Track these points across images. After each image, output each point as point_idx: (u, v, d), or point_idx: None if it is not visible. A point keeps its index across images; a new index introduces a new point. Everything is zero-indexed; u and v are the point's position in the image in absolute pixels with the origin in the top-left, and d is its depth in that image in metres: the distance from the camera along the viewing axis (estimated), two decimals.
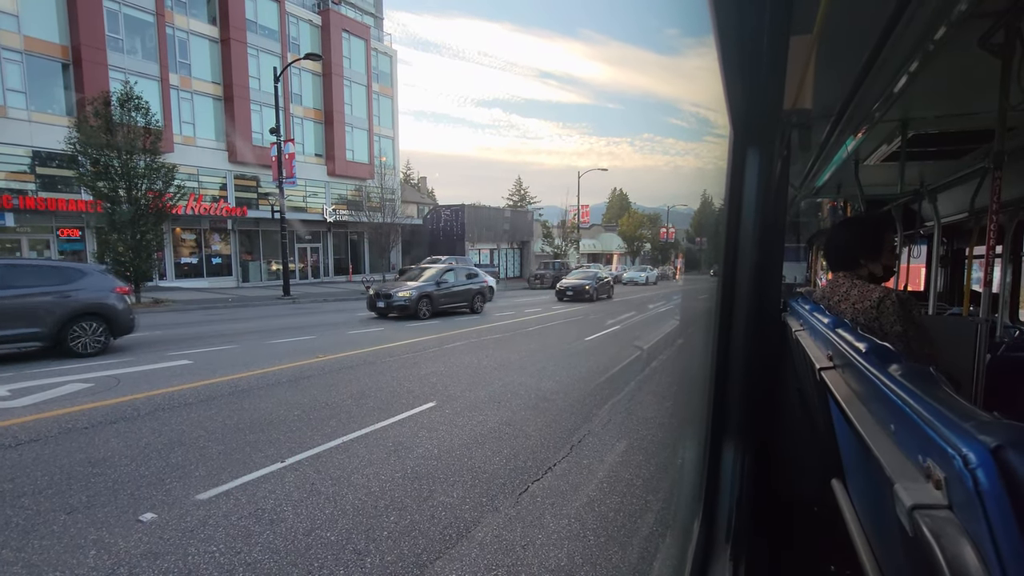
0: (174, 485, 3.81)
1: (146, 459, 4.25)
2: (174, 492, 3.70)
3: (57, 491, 3.66)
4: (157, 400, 5.93)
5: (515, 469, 4.25)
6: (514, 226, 39.11)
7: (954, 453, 0.60)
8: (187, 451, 4.44)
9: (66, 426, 5.00)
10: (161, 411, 5.53)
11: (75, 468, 4.05)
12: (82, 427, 4.98)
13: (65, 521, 3.27)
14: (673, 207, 61.99)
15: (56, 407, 5.59)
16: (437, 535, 3.22)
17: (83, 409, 5.54)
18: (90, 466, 4.09)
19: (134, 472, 4.00)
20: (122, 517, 3.33)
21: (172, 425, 5.09)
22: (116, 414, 5.40)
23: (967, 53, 1.76)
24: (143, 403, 5.81)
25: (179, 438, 4.74)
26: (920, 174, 4.03)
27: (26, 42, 19.87)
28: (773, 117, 1.47)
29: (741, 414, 1.57)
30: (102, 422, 5.14)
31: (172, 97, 24.05)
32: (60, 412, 5.42)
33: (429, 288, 14.62)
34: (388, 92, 34.73)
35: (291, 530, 3.23)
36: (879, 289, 1.83)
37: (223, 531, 3.20)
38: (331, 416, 5.48)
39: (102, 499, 3.56)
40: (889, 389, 0.92)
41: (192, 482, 3.86)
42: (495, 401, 6.20)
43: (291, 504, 3.56)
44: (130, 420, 5.22)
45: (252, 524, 3.29)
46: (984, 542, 0.52)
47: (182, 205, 20.11)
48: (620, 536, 3.29)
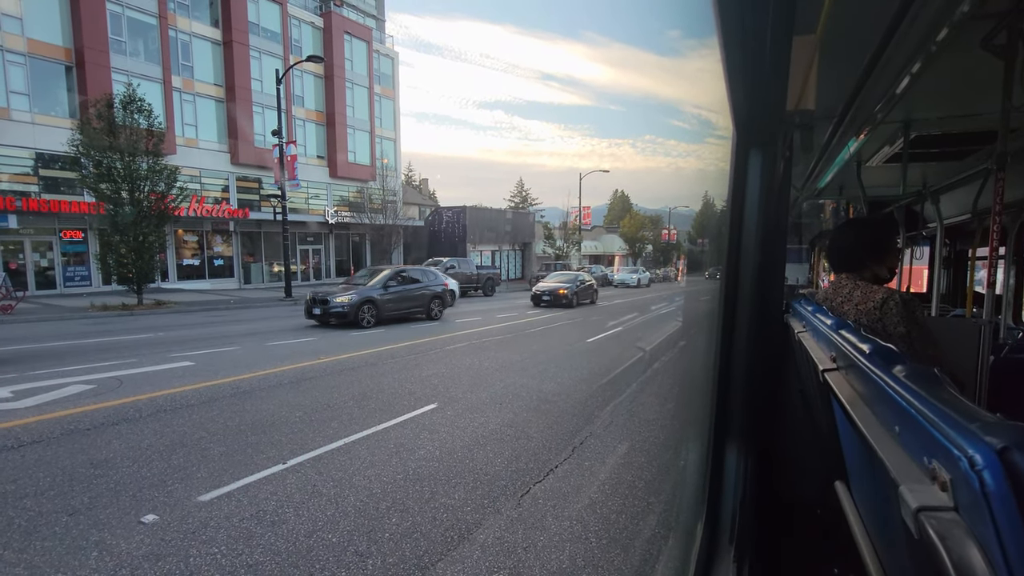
0: (176, 487, 3.81)
1: (148, 460, 4.26)
2: (176, 494, 3.70)
3: (59, 492, 3.67)
4: (159, 401, 5.94)
5: (517, 471, 4.24)
6: (515, 228, 39.13)
7: (960, 455, 0.59)
8: (189, 452, 4.45)
9: (68, 427, 5.00)
10: (163, 412, 5.54)
11: (77, 469, 4.05)
12: (84, 428, 4.99)
13: (67, 522, 3.27)
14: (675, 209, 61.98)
15: (59, 408, 5.60)
16: (439, 537, 3.22)
17: (85, 410, 5.55)
18: (92, 467, 4.09)
19: (136, 473, 4.01)
20: (124, 519, 3.33)
21: (174, 426, 5.09)
22: (118, 415, 5.41)
23: (970, 54, 1.76)
24: (145, 404, 5.82)
25: (181, 439, 4.74)
26: (923, 175, 4.01)
27: (29, 44, 19.96)
28: (775, 118, 1.47)
29: (744, 416, 1.56)
30: (104, 423, 5.14)
31: (174, 99, 24.12)
32: (63, 413, 5.43)
33: (373, 293, 13.22)
34: (390, 94, 34.80)
35: (293, 532, 3.23)
36: (882, 290, 1.82)
37: (225, 533, 3.20)
38: (332, 417, 5.48)
39: (104, 500, 3.56)
40: (893, 390, 0.91)
41: (194, 483, 3.86)
42: (496, 403, 6.19)
43: (292, 506, 3.56)
44: (132, 422, 5.22)
45: (254, 526, 3.28)
46: (990, 544, 0.52)
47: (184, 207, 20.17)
48: (622, 538, 3.28)
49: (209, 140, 25.76)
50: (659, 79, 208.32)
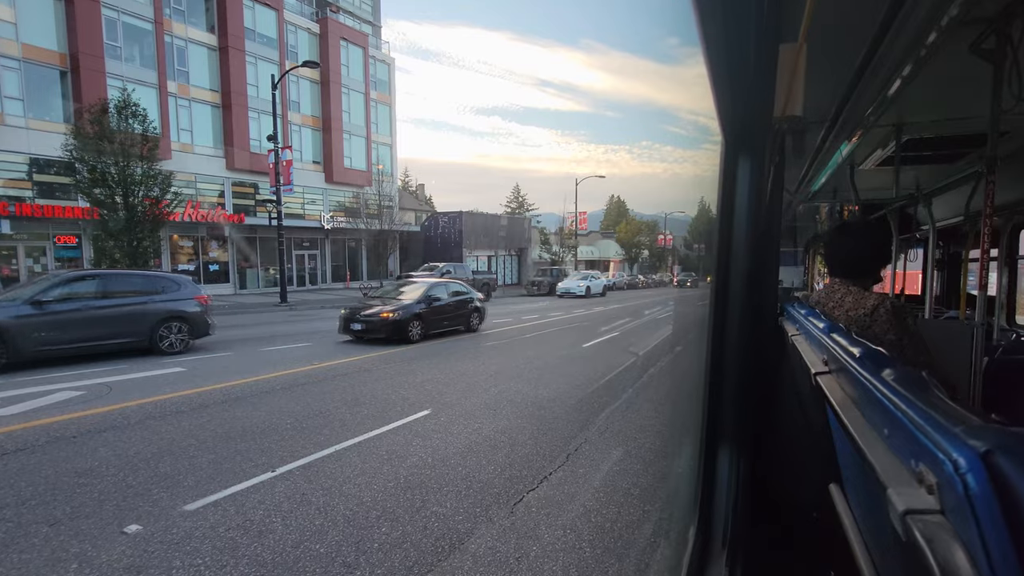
0: (161, 495, 3.73)
1: (134, 469, 4.17)
2: (161, 503, 3.62)
3: (41, 502, 3.58)
4: (148, 408, 5.85)
5: (510, 478, 4.18)
6: (512, 233, 39.15)
7: (944, 458, 0.60)
8: (176, 460, 4.36)
9: (54, 435, 4.91)
10: (152, 419, 5.45)
11: (61, 478, 3.96)
12: (71, 436, 4.90)
13: (47, 533, 3.18)
14: (671, 214, 62.14)
15: (45, 415, 5.50)
16: (429, 547, 3.15)
17: (73, 417, 5.46)
18: (76, 476, 4.01)
19: (121, 482, 3.92)
20: (106, 529, 3.25)
21: (162, 434, 5.01)
22: (106, 423, 5.32)
23: (959, 58, 1.77)
24: (134, 411, 5.73)
25: (169, 447, 4.66)
26: (915, 178, 4.03)
27: (24, 50, 19.88)
28: (764, 123, 1.46)
29: (737, 419, 1.55)
30: (91, 431, 5.06)
31: (170, 104, 24.06)
32: (49, 421, 5.34)
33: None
34: (386, 100, 34.84)
35: (279, 542, 3.15)
36: (874, 296, 1.82)
37: (209, 543, 3.12)
38: (324, 424, 5.40)
39: (87, 510, 3.48)
40: (882, 394, 0.92)
41: (180, 492, 3.78)
42: (490, 409, 6.12)
43: (280, 515, 3.48)
44: (120, 429, 5.14)
45: (239, 536, 3.21)
46: (975, 547, 0.52)
47: (179, 212, 20.07)
48: (617, 548, 3.22)
49: (205, 145, 25.69)
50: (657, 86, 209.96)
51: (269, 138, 20.26)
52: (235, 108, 26.06)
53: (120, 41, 22.33)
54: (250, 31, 26.85)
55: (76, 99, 20.38)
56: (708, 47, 0.99)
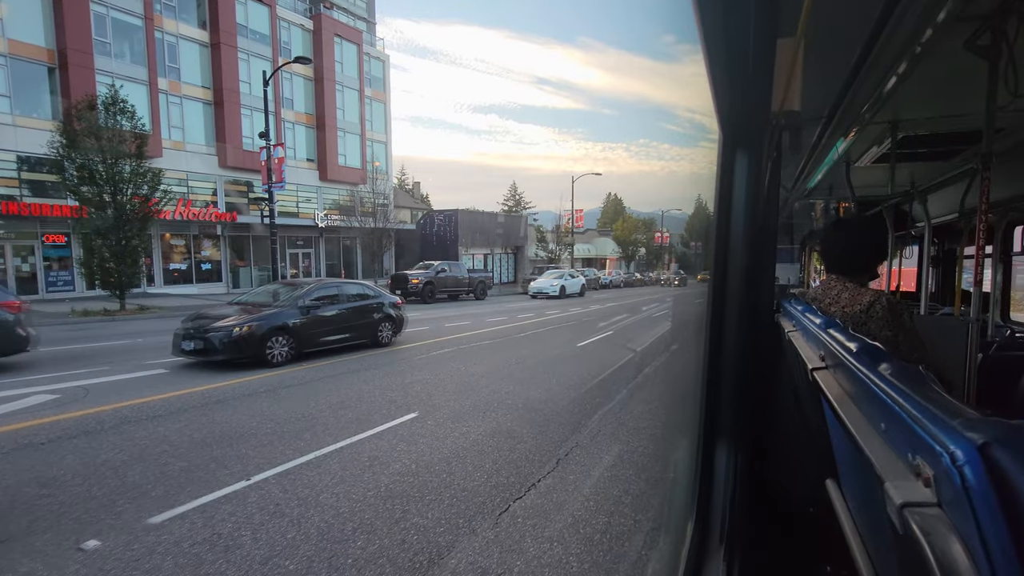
0: (126, 507, 3.53)
1: (101, 478, 3.97)
2: (125, 515, 3.42)
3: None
4: (124, 412, 5.64)
5: (496, 486, 3.99)
6: (508, 231, 38.91)
7: (942, 451, 0.60)
8: (147, 468, 4.16)
9: (22, 441, 4.71)
10: (126, 424, 5.24)
11: (21, 489, 3.76)
12: (39, 443, 4.69)
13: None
14: (668, 212, 61.98)
15: (15, 420, 5.29)
16: (406, 562, 2.96)
17: (43, 423, 5.25)
18: (38, 487, 3.80)
19: (85, 493, 3.72)
20: (62, 545, 3.05)
21: (135, 440, 4.80)
22: (78, 428, 5.11)
23: (954, 55, 1.76)
24: (109, 416, 5.52)
25: (140, 454, 4.46)
26: (911, 175, 4.05)
27: (11, 45, 19.57)
28: (762, 120, 1.49)
29: (734, 415, 1.55)
30: (61, 436, 4.85)
31: (161, 101, 23.76)
32: (19, 426, 5.13)
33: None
34: (381, 97, 34.56)
35: (247, 558, 2.96)
36: (870, 293, 1.82)
37: (171, 560, 2.92)
38: (306, 428, 5.20)
39: (44, 524, 3.28)
40: (879, 388, 0.92)
41: (146, 504, 3.58)
42: (480, 411, 5.93)
43: (251, 528, 3.29)
44: (92, 434, 4.93)
45: (205, 551, 3.01)
46: (972, 539, 0.52)
47: (170, 210, 19.82)
48: (606, 562, 3.03)
49: (196, 143, 25.40)
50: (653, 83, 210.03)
51: (261, 135, 19.99)
52: (227, 105, 25.77)
53: (109, 37, 22.02)
54: (242, 27, 26.55)
55: (64, 96, 20.08)
56: (706, 40, 1.00)
